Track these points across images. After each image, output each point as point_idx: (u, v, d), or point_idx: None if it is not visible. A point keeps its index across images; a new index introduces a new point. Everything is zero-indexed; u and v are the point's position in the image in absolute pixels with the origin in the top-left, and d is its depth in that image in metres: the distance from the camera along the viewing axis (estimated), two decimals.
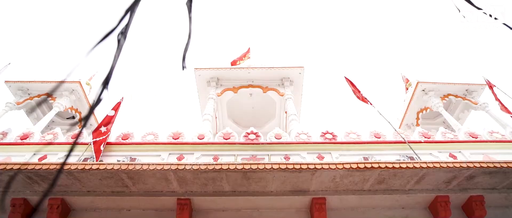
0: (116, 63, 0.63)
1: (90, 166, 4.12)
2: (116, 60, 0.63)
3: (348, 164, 4.22)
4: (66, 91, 8.53)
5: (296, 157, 6.06)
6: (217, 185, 4.52)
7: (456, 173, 4.40)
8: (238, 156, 6.06)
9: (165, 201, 4.70)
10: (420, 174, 4.40)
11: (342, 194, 4.69)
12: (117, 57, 0.64)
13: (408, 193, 4.72)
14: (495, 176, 4.47)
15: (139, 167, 4.11)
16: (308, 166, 4.16)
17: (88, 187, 4.55)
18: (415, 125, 9.57)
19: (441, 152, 6.24)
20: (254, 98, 9.59)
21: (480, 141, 6.54)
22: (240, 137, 6.56)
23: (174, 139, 6.47)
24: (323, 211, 4.63)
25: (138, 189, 4.57)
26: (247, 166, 4.14)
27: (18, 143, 6.40)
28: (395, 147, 6.33)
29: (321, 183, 4.54)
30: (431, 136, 6.67)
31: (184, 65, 0.80)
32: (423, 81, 8.89)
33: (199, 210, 4.89)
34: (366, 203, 4.86)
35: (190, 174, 4.27)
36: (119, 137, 6.53)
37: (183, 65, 0.80)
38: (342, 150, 6.26)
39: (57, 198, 4.61)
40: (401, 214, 4.87)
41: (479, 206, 4.67)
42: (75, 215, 4.83)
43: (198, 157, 6.08)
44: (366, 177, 4.43)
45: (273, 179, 4.41)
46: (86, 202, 4.76)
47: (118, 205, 4.82)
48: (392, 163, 4.25)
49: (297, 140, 6.45)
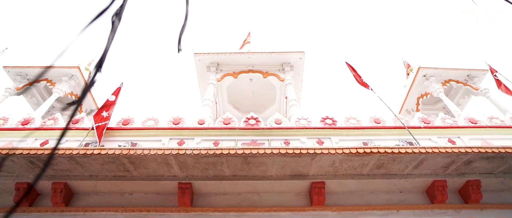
0: (110, 45, 0.62)
1: (92, 151, 4.16)
2: (110, 42, 0.62)
3: (347, 149, 4.25)
4: (65, 76, 8.48)
5: (296, 142, 6.10)
6: (217, 170, 4.58)
7: (454, 158, 4.44)
8: (239, 141, 6.10)
9: (167, 185, 4.78)
10: (418, 159, 4.44)
11: (341, 178, 4.76)
12: (111, 39, 0.62)
13: (406, 177, 4.78)
14: (493, 161, 4.51)
15: (140, 152, 4.15)
16: (308, 151, 4.20)
17: (90, 172, 4.61)
18: (415, 110, 9.57)
19: (440, 137, 6.27)
20: (254, 84, 9.55)
21: (479, 127, 6.55)
22: (240, 122, 6.58)
23: (175, 124, 6.49)
24: (322, 195, 4.71)
25: (139, 174, 4.63)
26: (247, 151, 4.17)
27: (20, 128, 6.43)
28: (395, 132, 6.36)
29: (321, 168, 4.59)
30: (430, 122, 6.68)
31: (180, 48, 0.79)
32: (425, 67, 8.82)
33: (200, 194, 4.97)
34: (365, 187, 4.94)
35: (190, 158, 4.31)
36: (120, 122, 6.55)
37: (179, 48, 0.78)
38: (341, 135, 6.29)
39: (60, 182, 4.68)
40: (398, 198, 4.96)
41: (476, 190, 4.74)
42: (78, 199, 4.93)
43: (199, 142, 6.12)
44: (365, 161, 4.47)
45: (273, 163, 4.46)
46: (89, 186, 4.84)
47: (120, 189, 4.90)
48: (391, 148, 4.28)
49: (297, 125, 6.47)
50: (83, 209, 4.64)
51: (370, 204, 4.82)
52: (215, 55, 8.95)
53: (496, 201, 4.87)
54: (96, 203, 4.82)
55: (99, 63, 0.60)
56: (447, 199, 4.75)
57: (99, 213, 4.60)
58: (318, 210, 4.67)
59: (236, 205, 4.83)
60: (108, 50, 0.60)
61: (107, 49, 0.60)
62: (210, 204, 4.87)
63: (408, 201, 4.92)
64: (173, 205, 4.76)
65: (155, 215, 4.61)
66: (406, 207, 4.72)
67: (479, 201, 4.75)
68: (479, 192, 4.73)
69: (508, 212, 4.68)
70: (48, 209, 4.63)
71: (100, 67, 0.59)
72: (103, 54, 0.59)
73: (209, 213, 4.66)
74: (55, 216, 4.58)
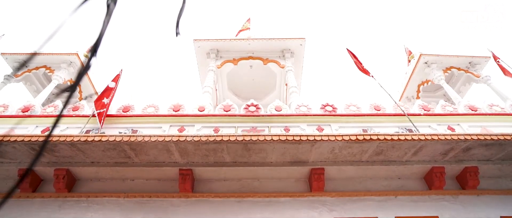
0: (105, 30, 0.60)
1: (93, 138, 4.18)
2: (105, 27, 0.61)
3: (347, 136, 4.27)
4: (64, 63, 8.41)
5: (296, 129, 6.12)
6: (218, 156, 4.62)
7: (453, 145, 4.47)
8: (239, 128, 6.12)
9: (168, 171, 4.83)
10: (417, 146, 4.47)
11: (341, 165, 4.80)
12: (106, 23, 0.61)
13: (405, 164, 4.82)
14: (491, 148, 4.54)
15: (141, 139, 4.17)
16: (307, 137, 4.22)
17: (92, 158, 4.65)
18: (416, 97, 9.55)
19: (440, 125, 6.29)
20: (254, 70, 9.49)
21: (479, 114, 6.56)
22: (241, 109, 6.58)
23: (175, 111, 6.50)
24: (322, 181, 4.77)
25: (140, 160, 4.68)
26: (247, 138, 4.19)
27: (20, 115, 6.44)
28: (395, 119, 6.36)
29: (320, 154, 4.62)
30: (430, 109, 6.68)
31: (178, 32, 0.77)
32: (426, 54, 8.73)
33: (200, 180, 5.03)
34: (363, 173, 4.99)
35: (191, 145, 4.34)
36: (120, 109, 6.56)
37: (177, 32, 0.77)
38: (341, 122, 6.30)
39: (62, 168, 4.73)
40: (397, 184, 5.02)
41: (473, 176, 4.80)
42: (80, 185, 4.99)
43: (199, 129, 6.14)
44: (365, 148, 4.50)
45: (273, 150, 4.49)
46: (90, 172, 4.90)
47: (122, 176, 4.96)
48: (390, 135, 4.30)
49: (297, 112, 6.48)
50: (86, 195, 4.71)
51: (368, 190, 4.89)
52: (214, 41, 8.85)
53: (493, 187, 4.93)
54: (99, 189, 4.89)
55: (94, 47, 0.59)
56: (444, 185, 4.82)
57: (102, 199, 4.68)
58: (317, 195, 4.74)
59: (237, 190, 4.90)
60: (103, 35, 0.58)
61: (103, 33, 0.59)
62: (211, 190, 4.94)
63: (406, 187, 4.99)
64: (174, 191, 4.83)
65: (157, 201, 4.69)
66: (404, 193, 4.79)
67: (476, 187, 4.81)
68: (477, 179, 4.79)
69: (504, 197, 4.75)
70: (52, 195, 4.71)
71: (95, 52, 0.58)
72: (98, 38, 0.58)
73: (210, 199, 4.73)
74: (58, 202, 4.66)
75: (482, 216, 4.48)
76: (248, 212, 4.57)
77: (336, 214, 4.53)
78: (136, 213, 4.53)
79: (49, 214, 4.50)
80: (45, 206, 4.59)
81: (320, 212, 4.55)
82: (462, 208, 4.59)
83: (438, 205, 4.64)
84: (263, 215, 4.54)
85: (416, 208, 4.61)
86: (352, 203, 4.67)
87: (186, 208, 4.60)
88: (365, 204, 4.65)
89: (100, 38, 0.58)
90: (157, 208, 4.60)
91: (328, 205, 4.65)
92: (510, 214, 4.53)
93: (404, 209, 4.61)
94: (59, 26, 0.58)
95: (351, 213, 4.54)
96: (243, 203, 4.68)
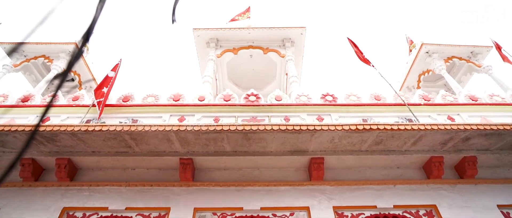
0: (98, 16, 0.59)
1: (93, 128, 4.19)
2: (99, 13, 0.59)
3: (347, 126, 4.27)
4: (63, 52, 8.36)
5: (296, 118, 6.13)
6: (218, 146, 4.64)
7: (452, 135, 4.48)
8: (239, 117, 6.13)
9: (168, 160, 4.87)
10: (417, 135, 4.48)
11: (340, 154, 4.83)
12: (99, 10, 0.60)
13: (404, 153, 4.85)
14: (491, 138, 4.55)
15: (141, 128, 4.18)
16: (307, 127, 4.22)
17: (93, 148, 4.68)
18: (416, 87, 9.52)
19: (439, 115, 6.29)
20: (254, 60, 9.43)
21: (479, 104, 6.54)
22: (241, 99, 6.57)
23: (175, 100, 6.49)
24: (321, 170, 4.81)
25: (141, 150, 4.70)
26: (247, 127, 4.20)
27: (20, 105, 6.45)
28: (395, 109, 6.36)
29: (320, 144, 4.64)
30: (431, 99, 6.67)
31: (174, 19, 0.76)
32: (428, 43, 8.64)
33: (201, 169, 5.08)
34: (363, 162, 5.03)
35: (191, 135, 4.35)
36: (120, 99, 6.55)
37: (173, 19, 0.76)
38: (341, 111, 6.30)
39: (64, 158, 4.77)
40: (396, 173, 5.06)
41: (471, 166, 4.83)
42: (82, 174, 5.04)
43: (199, 119, 6.15)
44: (364, 138, 4.52)
45: (273, 139, 4.51)
46: (92, 161, 4.94)
47: (123, 165, 5.00)
48: (390, 124, 4.30)
49: (297, 102, 6.47)
50: (88, 184, 4.76)
51: (367, 179, 4.93)
52: (214, 30, 8.76)
53: (491, 177, 4.98)
54: (100, 178, 4.94)
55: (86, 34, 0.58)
56: (443, 175, 4.86)
57: (103, 188, 4.73)
58: (317, 184, 4.79)
59: (237, 179, 4.95)
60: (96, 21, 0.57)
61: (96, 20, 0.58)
62: (211, 178, 4.98)
63: (405, 176, 5.03)
64: (175, 180, 4.88)
65: (158, 190, 4.74)
66: (402, 182, 4.83)
67: (474, 176, 4.86)
68: (475, 168, 4.83)
69: (501, 186, 4.80)
70: (54, 184, 4.76)
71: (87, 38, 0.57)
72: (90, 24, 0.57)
73: (210, 188, 4.78)
74: (60, 190, 4.71)
75: (479, 204, 4.54)
76: (248, 200, 4.63)
77: (335, 203, 4.58)
78: (137, 202, 4.59)
79: (52, 202, 4.55)
80: (48, 195, 4.64)
81: (320, 201, 4.61)
82: (459, 197, 4.64)
83: (436, 194, 4.69)
84: (263, 203, 4.59)
85: (414, 197, 4.66)
86: (351, 192, 4.72)
87: (187, 197, 4.66)
88: (363, 193, 4.70)
89: (93, 24, 0.57)
90: (158, 196, 4.65)
91: (327, 193, 4.70)
92: (506, 203, 4.58)
93: (402, 197, 4.66)
94: (50, 11, 0.57)
95: (350, 202, 4.60)
96: (243, 192, 4.73)
